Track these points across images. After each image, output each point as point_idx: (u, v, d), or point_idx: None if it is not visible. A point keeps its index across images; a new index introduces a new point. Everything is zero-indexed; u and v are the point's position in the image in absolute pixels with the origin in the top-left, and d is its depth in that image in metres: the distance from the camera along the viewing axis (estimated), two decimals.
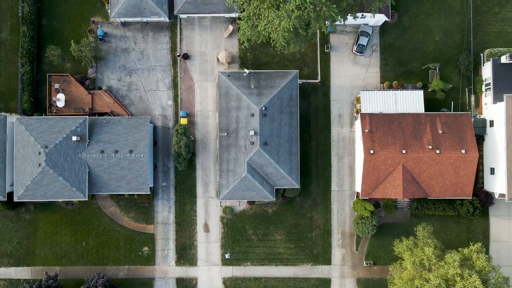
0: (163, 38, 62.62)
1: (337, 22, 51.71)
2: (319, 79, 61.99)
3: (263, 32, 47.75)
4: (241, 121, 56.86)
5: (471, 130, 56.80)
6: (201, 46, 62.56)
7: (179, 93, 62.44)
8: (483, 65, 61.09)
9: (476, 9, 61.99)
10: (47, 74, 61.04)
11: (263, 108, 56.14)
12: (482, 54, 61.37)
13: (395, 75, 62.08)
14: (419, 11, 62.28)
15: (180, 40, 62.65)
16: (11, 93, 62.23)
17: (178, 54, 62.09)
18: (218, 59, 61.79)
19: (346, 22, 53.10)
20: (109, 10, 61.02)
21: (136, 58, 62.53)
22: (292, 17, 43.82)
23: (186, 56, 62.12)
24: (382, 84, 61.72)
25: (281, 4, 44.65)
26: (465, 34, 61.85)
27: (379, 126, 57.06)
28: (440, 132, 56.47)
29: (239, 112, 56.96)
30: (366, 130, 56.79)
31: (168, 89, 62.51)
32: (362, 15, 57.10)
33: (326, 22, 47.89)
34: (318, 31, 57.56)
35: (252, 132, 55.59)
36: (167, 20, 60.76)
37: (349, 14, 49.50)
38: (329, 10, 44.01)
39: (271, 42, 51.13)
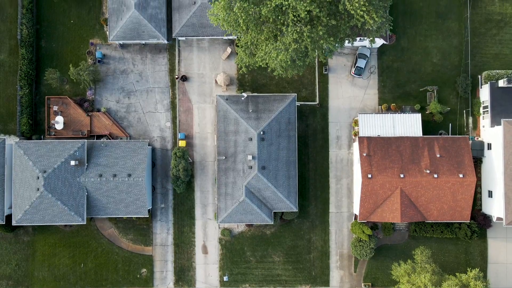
0: (161, 59, 62.76)
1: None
2: (318, 101, 62.10)
3: (260, 62, 47.89)
4: (239, 145, 56.96)
5: (468, 154, 56.89)
6: (199, 68, 62.70)
7: (177, 115, 62.55)
8: (481, 87, 61.22)
9: (474, 31, 62.12)
10: (46, 97, 61.16)
11: (261, 133, 56.25)
12: (479, 76, 61.50)
13: (393, 97, 62.20)
14: (417, 33, 62.42)
15: (179, 62, 62.79)
16: (10, 115, 62.36)
17: (176, 76, 62.22)
18: (216, 82, 61.92)
19: (344, 45, 53.23)
20: (107, 32, 61.18)
21: (134, 79, 62.69)
22: (290, 50, 43.94)
23: (184, 78, 62.27)
24: (380, 106, 61.84)
25: (278, 36, 44.76)
26: (463, 56, 61.98)
27: (377, 149, 57.16)
28: (438, 156, 56.57)
29: (237, 136, 57.07)
30: (364, 154, 56.87)
31: (166, 110, 62.64)
32: (360, 38, 57.18)
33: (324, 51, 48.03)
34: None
35: (250, 157, 55.71)
36: (166, 42, 60.87)
37: (347, 41, 49.62)
38: (327, 43, 44.14)
39: (269, 68, 51.29)
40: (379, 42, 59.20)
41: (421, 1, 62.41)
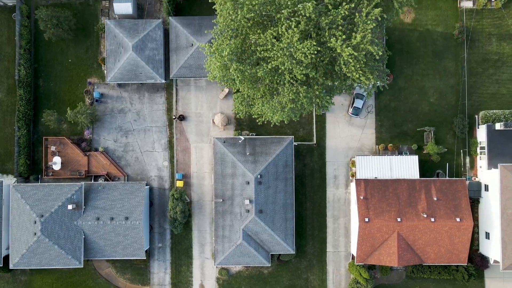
0: (159, 98, 62.87)
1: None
2: (315, 141, 62.17)
3: (257, 115, 47.96)
4: (237, 188, 57.02)
5: (465, 197, 56.95)
6: (197, 107, 62.79)
7: (175, 154, 62.62)
8: (478, 127, 61.30)
9: (471, 70, 62.25)
10: (44, 138, 61.22)
11: (259, 176, 56.31)
12: (477, 116, 61.60)
13: (390, 136, 62.28)
14: (414, 72, 62.56)
15: (176, 101, 62.89)
16: (8, 154, 62.44)
17: (174, 116, 62.31)
18: (213, 122, 62.01)
19: None
20: (105, 71, 61.28)
21: (132, 118, 62.77)
22: (286, 109, 44.07)
23: (181, 118, 62.36)
24: (377, 146, 61.92)
25: (274, 94, 44.86)
26: (460, 95, 62.10)
27: (374, 192, 57.21)
28: (435, 199, 56.62)
29: (235, 179, 57.12)
30: (361, 197, 56.92)
31: (164, 150, 62.70)
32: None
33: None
34: None
35: (247, 201, 55.77)
36: (163, 81, 60.95)
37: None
38: (323, 101, 44.24)
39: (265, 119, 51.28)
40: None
41: (418, 40, 62.56)
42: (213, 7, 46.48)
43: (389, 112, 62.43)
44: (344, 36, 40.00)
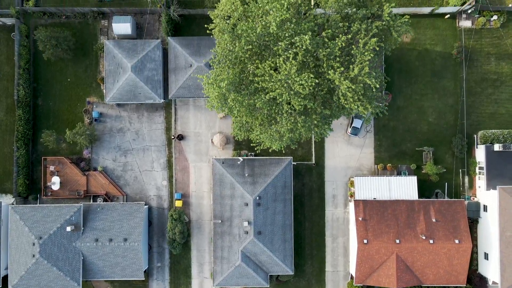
0: (158, 118, 62.88)
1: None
2: (314, 161, 62.17)
3: (255, 141, 47.97)
4: (235, 209, 57.01)
5: (464, 219, 56.97)
6: (195, 127, 62.80)
7: (174, 174, 62.62)
8: (477, 147, 61.32)
9: (469, 90, 62.29)
10: (42, 158, 61.22)
11: (257, 198, 56.29)
12: (475, 136, 61.62)
13: (389, 156, 62.29)
14: (413, 92, 62.59)
15: (175, 120, 62.89)
16: (6, 174, 62.45)
17: (172, 136, 62.31)
18: (212, 142, 62.02)
19: None
20: (104, 90, 61.28)
21: (131, 138, 62.77)
22: (284, 138, 44.08)
23: (180, 137, 62.36)
24: (376, 166, 61.92)
25: (273, 122, 44.83)
26: (458, 115, 62.11)
27: (372, 213, 57.20)
28: (434, 220, 56.63)
29: (233, 200, 57.12)
30: (360, 218, 56.93)
31: (163, 169, 62.69)
32: None
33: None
34: None
35: (246, 223, 55.74)
36: (162, 101, 60.96)
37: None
38: (321, 129, 44.25)
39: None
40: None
41: (417, 60, 62.62)
42: (211, 36, 46.55)
43: (388, 131, 62.44)
44: (342, 68, 40.02)
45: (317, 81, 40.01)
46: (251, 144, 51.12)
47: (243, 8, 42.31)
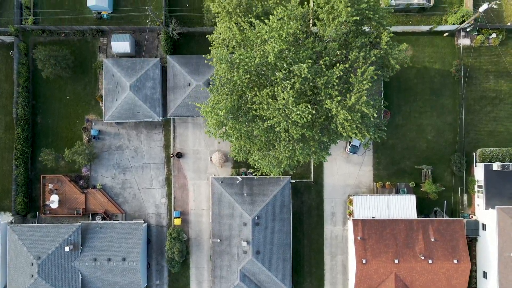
0: (156, 135, 62.88)
1: None
2: (312, 179, 62.15)
3: (254, 170, 48.01)
4: (234, 229, 57.00)
5: (463, 238, 56.94)
6: (194, 144, 62.80)
7: (172, 191, 62.60)
8: (476, 165, 61.29)
9: (468, 108, 62.28)
10: (41, 176, 61.20)
11: (256, 218, 56.29)
12: (474, 154, 61.59)
13: (388, 174, 62.28)
14: (412, 110, 62.59)
15: (174, 138, 62.90)
16: (5, 192, 62.42)
17: (171, 154, 62.31)
18: (211, 160, 62.00)
19: None
20: (103, 108, 61.29)
21: (130, 155, 62.77)
22: (283, 165, 44.08)
23: (179, 155, 62.35)
24: (375, 184, 61.90)
25: (271, 149, 44.84)
26: (457, 133, 62.09)
27: (371, 233, 57.17)
28: (433, 240, 56.61)
29: (232, 220, 57.11)
30: (359, 238, 56.89)
31: (161, 187, 62.68)
32: None
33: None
34: None
35: (244, 243, 55.72)
36: (161, 119, 60.98)
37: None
38: (319, 155, 44.23)
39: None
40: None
41: (416, 78, 62.63)
42: (208, 57, 46.60)
43: (387, 149, 62.43)
44: (339, 98, 40.00)
45: (314, 112, 39.92)
46: (249, 170, 50.99)
47: (241, 37, 42.33)
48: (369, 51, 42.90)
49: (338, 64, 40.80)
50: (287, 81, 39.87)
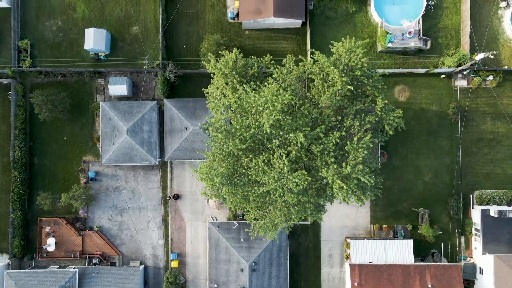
0: (154, 176, 62.86)
1: None
2: (310, 221, 62.11)
3: (250, 231, 48.08)
4: (231, 274, 56.95)
5: (460, 284, 56.87)
6: (191, 186, 62.77)
7: (170, 233, 62.56)
8: (473, 208, 61.29)
9: (465, 150, 62.29)
10: (38, 219, 61.14)
11: (253, 263, 56.24)
12: (471, 196, 61.57)
13: (385, 215, 62.26)
14: (409, 151, 62.58)
15: (171, 179, 62.88)
16: (2, 234, 62.38)
17: (168, 196, 62.29)
18: (208, 203, 61.97)
19: None
20: (100, 149, 61.30)
21: (127, 197, 62.75)
22: (278, 228, 44.13)
23: (176, 197, 62.33)
24: (372, 226, 61.86)
25: (266, 212, 44.87)
26: (454, 174, 62.06)
27: (368, 278, 57.12)
28: (430, 286, 56.52)
29: (229, 265, 57.07)
30: (356, 283, 56.84)
31: (159, 228, 62.65)
32: None
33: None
34: None
35: None
36: (158, 161, 60.95)
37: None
38: (315, 217, 44.19)
39: None
40: None
41: (413, 119, 62.63)
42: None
43: (384, 191, 62.05)
44: (335, 166, 40.04)
45: (309, 179, 39.96)
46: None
47: (236, 105, 42.40)
48: (364, 117, 42.97)
49: (334, 132, 40.84)
50: (283, 149, 39.96)
